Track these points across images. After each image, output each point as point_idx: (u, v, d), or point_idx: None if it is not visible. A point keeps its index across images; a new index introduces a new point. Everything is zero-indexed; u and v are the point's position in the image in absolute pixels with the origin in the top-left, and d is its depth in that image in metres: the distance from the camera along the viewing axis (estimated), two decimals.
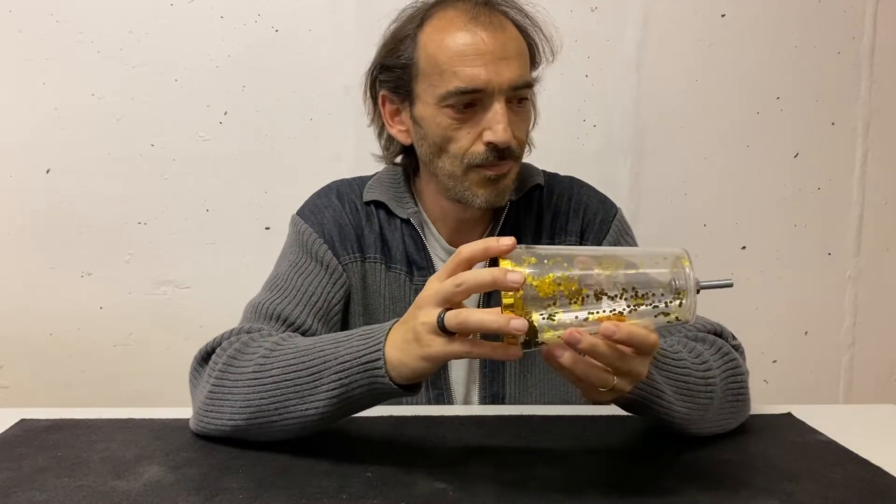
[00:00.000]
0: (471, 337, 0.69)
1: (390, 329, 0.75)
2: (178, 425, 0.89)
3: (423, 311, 0.70)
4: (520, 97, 0.96)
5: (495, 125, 0.92)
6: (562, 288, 0.64)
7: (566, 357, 0.65)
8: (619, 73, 1.65)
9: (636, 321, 0.65)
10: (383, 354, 0.73)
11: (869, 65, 1.69)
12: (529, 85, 0.96)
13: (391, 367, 0.73)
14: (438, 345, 0.68)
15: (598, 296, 0.64)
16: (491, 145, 0.93)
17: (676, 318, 0.66)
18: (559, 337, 0.64)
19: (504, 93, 0.92)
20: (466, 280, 0.67)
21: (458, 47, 0.93)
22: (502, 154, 0.94)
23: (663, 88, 1.67)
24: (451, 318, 0.67)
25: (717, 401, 0.84)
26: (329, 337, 0.80)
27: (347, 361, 0.75)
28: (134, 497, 0.70)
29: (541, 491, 0.72)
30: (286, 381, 0.78)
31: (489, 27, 0.93)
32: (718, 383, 0.83)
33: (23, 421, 0.91)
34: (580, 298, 0.64)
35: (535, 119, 1.09)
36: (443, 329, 0.68)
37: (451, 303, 0.69)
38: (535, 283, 0.64)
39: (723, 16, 1.66)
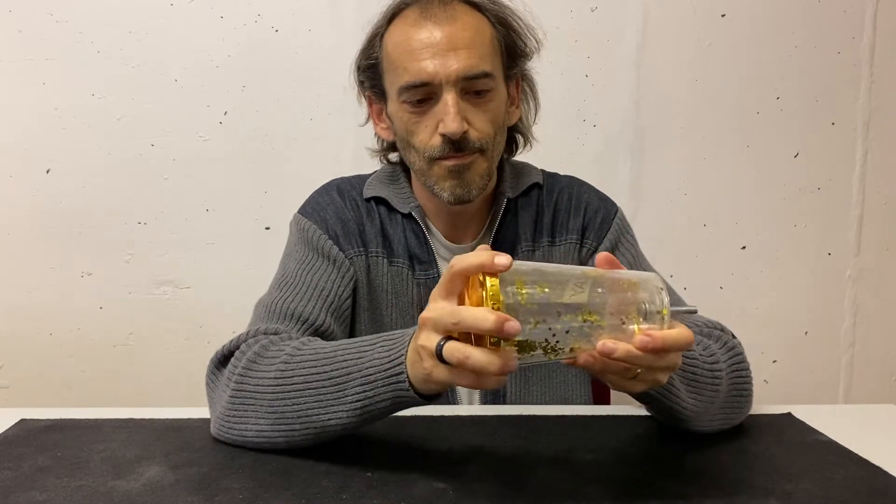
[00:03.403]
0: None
1: (411, 339, 0.73)
2: (178, 425, 0.89)
3: (424, 334, 0.68)
4: (477, 88, 0.94)
5: (445, 116, 0.92)
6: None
7: (597, 366, 0.65)
8: (619, 73, 1.65)
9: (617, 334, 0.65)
10: (406, 367, 0.72)
11: (869, 65, 1.69)
12: (486, 75, 0.94)
13: (413, 380, 0.72)
14: (442, 373, 0.67)
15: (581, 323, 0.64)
16: (445, 137, 0.93)
17: None
18: (594, 347, 0.63)
19: (454, 84, 0.92)
20: (464, 319, 0.63)
21: (407, 43, 0.94)
22: (458, 145, 0.93)
23: (663, 88, 1.67)
24: (450, 354, 0.65)
25: (723, 394, 0.84)
26: (350, 345, 0.79)
27: (371, 374, 0.74)
28: (134, 497, 0.70)
29: (541, 491, 0.72)
30: (309, 389, 0.78)
31: (438, 20, 0.93)
32: (724, 377, 0.84)
33: (23, 421, 0.91)
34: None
35: (536, 112, 1.09)
36: (440, 360, 0.66)
37: (449, 333, 0.66)
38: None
39: (723, 16, 1.66)
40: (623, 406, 0.99)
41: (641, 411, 0.96)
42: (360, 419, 0.77)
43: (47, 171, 1.60)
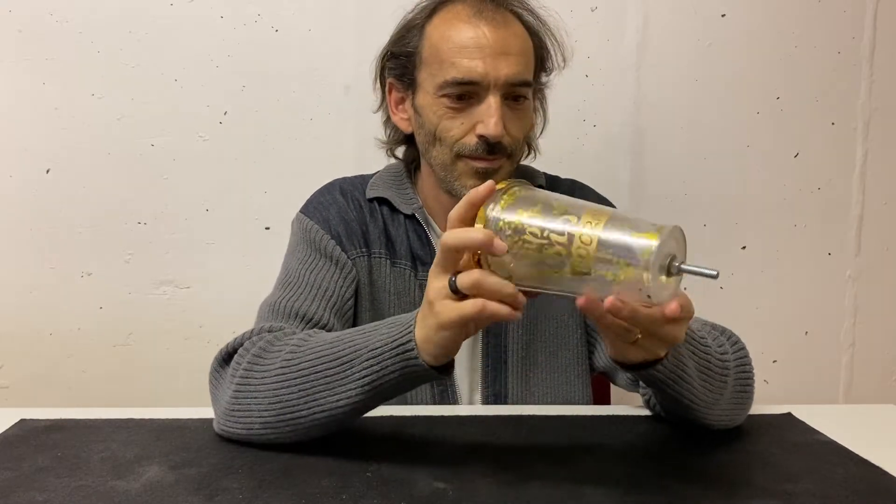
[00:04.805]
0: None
1: (417, 315, 0.75)
2: (178, 425, 0.89)
3: (431, 286, 0.71)
4: (517, 94, 0.96)
5: (487, 118, 0.93)
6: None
7: (597, 312, 0.64)
8: (619, 73, 1.65)
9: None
10: (414, 338, 0.73)
11: (869, 65, 1.69)
12: (528, 84, 0.97)
13: (421, 349, 0.73)
14: (450, 309, 0.69)
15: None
16: (482, 138, 0.94)
17: (648, 296, 0.61)
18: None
19: (500, 88, 0.93)
20: (462, 241, 0.69)
21: (459, 39, 0.94)
22: (493, 148, 0.94)
23: (663, 88, 1.66)
24: (464, 277, 0.68)
25: (729, 388, 0.85)
26: (355, 329, 0.81)
27: (378, 348, 0.75)
28: (134, 497, 0.70)
29: (541, 491, 0.72)
30: (315, 372, 0.78)
31: (492, 22, 0.95)
32: (731, 370, 0.85)
33: (23, 421, 0.91)
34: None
35: (543, 125, 1.11)
36: (455, 291, 0.69)
37: (453, 268, 0.70)
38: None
39: (723, 16, 1.66)
40: (623, 406, 0.99)
41: (641, 411, 0.96)
42: (369, 396, 0.77)
43: (47, 171, 1.60)
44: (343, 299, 1.00)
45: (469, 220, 0.71)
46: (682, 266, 0.62)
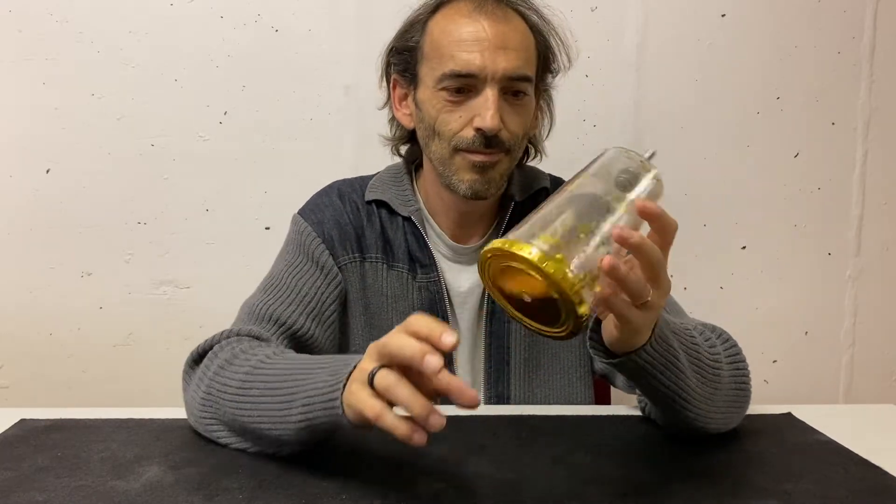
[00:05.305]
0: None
1: (356, 366, 0.71)
2: (178, 425, 0.89)
3: (362, 363, 0.68)
4: (516, 89, 0.96)
5: (484, 111, 0.93)
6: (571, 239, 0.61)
7: (608, 261, 0.61)
8: (619, 73, 1.65)
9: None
10: (341, 395, 0.69)
11: (869, 65, 1.69)
12: (527, 79, 0.97)
13: (345, 404, 0.69)
14: (357, 397, 0.66)
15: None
16: (479, 131, 0.94)
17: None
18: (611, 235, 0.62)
19: (498, 81, 0.94)
20: (388, 346, 0.64)
21: (458, 33, 0.95)
22: (490, 142, 0.94)
23: (663, 88, 1.67)
24: (382, 378, 0.64)
25: (725, 384, 0.83)
26: (304, 364, 0.78)
27: (311, 397, 0.72)
28: (134, 497, 0.70)
29: (541, 491, 0.72)
30: (263, 403, 0.77)
31: (492, 17, 0.95)
32: (724, 367, 0.83)
33: (23, 421, 0.91)
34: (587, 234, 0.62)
35: (550, 127, 1.11)
36: (370, 384, 0.65)
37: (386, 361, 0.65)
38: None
39: (723, 16, 1.66)
40: (623, 406, 0.99)
41: None
42: (309, 436, 0.75)
43: (47, 171, 1.60)
44: (323, 306, 1.00)
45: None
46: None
